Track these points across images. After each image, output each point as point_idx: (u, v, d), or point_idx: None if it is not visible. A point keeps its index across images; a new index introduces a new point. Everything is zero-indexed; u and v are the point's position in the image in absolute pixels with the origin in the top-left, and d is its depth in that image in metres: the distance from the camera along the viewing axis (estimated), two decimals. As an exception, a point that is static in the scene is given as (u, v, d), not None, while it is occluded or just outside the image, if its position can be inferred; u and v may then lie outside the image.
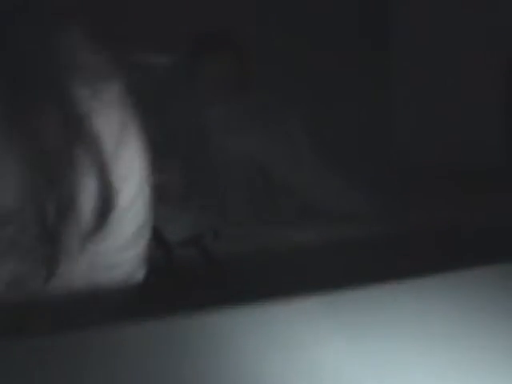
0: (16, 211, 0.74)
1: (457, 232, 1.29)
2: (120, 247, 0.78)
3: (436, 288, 0.71)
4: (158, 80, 1.83)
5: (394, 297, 0.68)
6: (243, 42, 1.84)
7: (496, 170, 1.47)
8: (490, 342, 0.63)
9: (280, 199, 1.72)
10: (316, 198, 1.68)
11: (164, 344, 0.59)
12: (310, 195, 1.68)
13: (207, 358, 0.58)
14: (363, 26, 1.72)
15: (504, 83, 1.46)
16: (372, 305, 0.67)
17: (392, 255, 1.22)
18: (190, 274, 1.41)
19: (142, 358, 0.57)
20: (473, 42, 1.51)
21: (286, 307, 0.63)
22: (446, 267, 0.72)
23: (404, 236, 1.31)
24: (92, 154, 0.71)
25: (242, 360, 0.58)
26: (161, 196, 1.48)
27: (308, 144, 1.76)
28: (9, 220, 0.73)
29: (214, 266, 1.44)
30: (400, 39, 1.58)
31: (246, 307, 0.61)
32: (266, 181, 1.76)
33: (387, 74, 1.57)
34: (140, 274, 0.91)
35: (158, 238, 1.46)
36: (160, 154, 1.68)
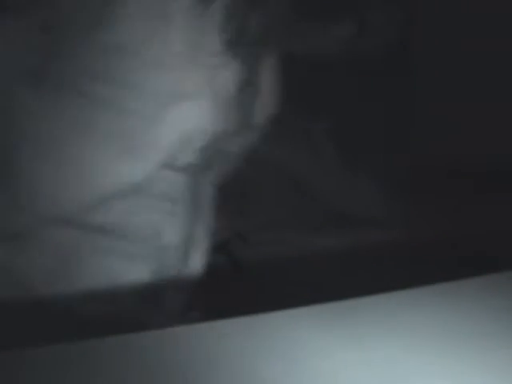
0: None
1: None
2: None
3: (444, 297, 0.71)
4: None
5: (399, 306, 0.69)
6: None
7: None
8: (498, 352, 0.63)
9: (306, 205, 1.72)
10: (342, 205, 1.67)
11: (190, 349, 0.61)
12: (336, 201, 1.68)
13: (214, 363, 0.59)
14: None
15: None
16: (376, 314, 0.68)
17: (415, 261, 1.22)
18: (217, 279, 1.42)
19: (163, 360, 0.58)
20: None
21: (290, 316, 0.64)
22: (458, 276, 0.73)
23: (429, 241, 1.31)
24: None
25: (242, 366, 0.59)
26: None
27: (333, 150, 1.76)
28: None
29: (241, 272, 1.45)
30: (422, 41, 1.57)
31: (250, 317, 0.62)
32: (292, 187, 1.76)
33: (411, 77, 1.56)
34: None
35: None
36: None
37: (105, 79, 0.89)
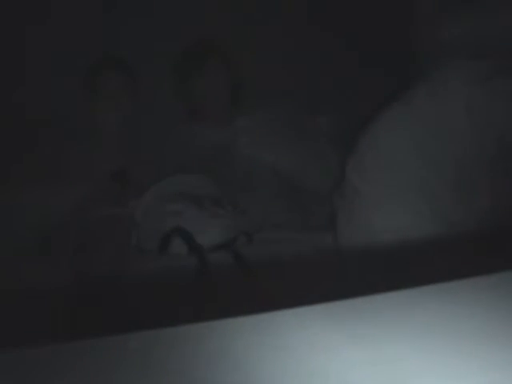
0: None
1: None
2: None
3: (446, 296, 0.72)
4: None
5: (404, 305, 0.69)
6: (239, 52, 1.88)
7: None
8: (502, 352, 0.63)
9: (311, 206, 1.73)
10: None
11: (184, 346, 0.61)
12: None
13: (216, 363, 0.60)
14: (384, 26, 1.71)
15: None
16: (381, 313, 0.68)
17: (414, 262, 1.23)
18: (223, 277, 1.43)
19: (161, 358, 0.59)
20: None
21: (295, 315, 0.64)
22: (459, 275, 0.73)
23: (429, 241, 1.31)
24: None
25: (245, 366, 0.59)
26: (196, 202, 1.50)
27: (335, 152, 1.78)
28: None
29: (247, 270, 1.45)
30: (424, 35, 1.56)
31: (254, 316, 0.62)
32: (297, 188, 1.77)
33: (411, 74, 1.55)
34: None
35: (189, 242, 1.48)
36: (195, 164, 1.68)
37: None
